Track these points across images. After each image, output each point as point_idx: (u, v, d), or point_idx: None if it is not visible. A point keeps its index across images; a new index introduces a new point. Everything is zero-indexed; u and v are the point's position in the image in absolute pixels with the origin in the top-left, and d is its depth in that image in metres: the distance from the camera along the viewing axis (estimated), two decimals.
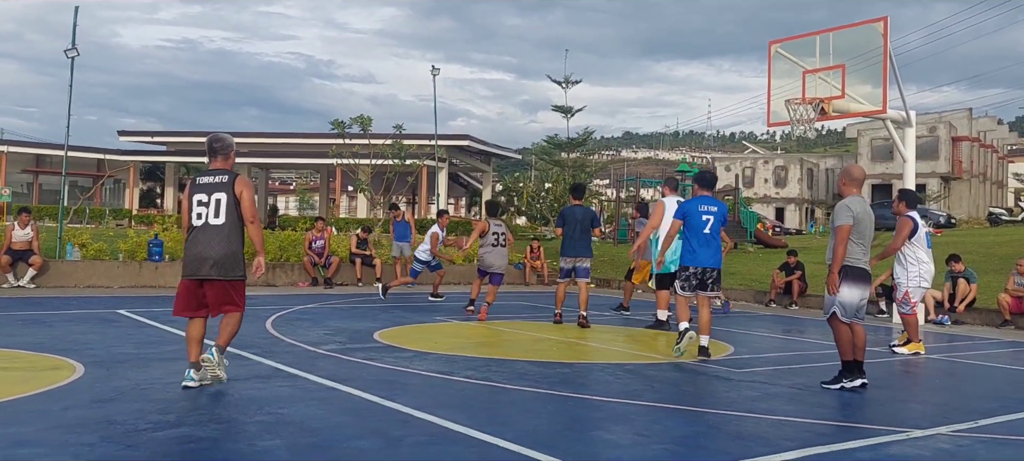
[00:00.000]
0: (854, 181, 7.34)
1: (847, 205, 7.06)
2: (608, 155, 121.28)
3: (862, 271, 7.07)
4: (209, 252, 6.09)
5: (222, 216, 6.12)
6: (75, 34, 16.11)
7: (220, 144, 6.37)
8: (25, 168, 48.59)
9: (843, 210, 7.04)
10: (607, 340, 10.20)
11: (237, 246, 6.19)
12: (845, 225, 6.98)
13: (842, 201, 7.19)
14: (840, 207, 7.10)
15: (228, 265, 6.13)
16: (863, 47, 13.54)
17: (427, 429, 5.10)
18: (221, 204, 6.13)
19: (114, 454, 4.33)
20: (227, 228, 6.13)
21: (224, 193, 6.14)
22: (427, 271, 15.53)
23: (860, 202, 7.14)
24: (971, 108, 62.73)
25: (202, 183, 6.23)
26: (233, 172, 6.30)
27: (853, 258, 7.03)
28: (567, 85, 36.57)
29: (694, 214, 8.56)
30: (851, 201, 7.12)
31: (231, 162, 6.41)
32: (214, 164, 6.34)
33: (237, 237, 6.20)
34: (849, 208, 7.03)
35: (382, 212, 28.46)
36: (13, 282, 14.39)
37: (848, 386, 6.94)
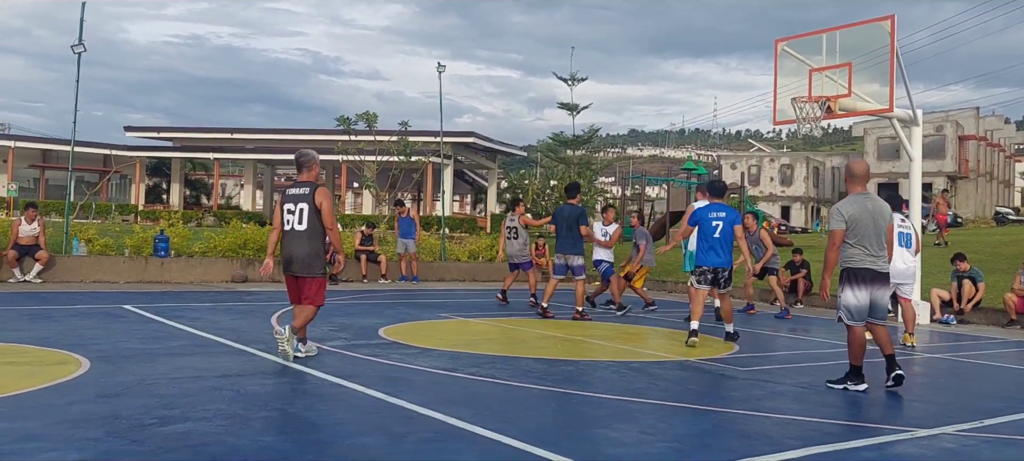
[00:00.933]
0: (856, 178, 7.07)
1: (839, 209, 6.90)
2: (614, 153, 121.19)
3: (864, 272, 6.82)
4: (294, 253, 7.27)
5: (304, 222, 7.24)
6: (82, 30, 16.14)
7: (305, 159, 7.50)
8: (32, 163, 48.73)
9: (834, 215, 6.91)
10: (611, 338, 10.20)
11: (317, 247, 7.29)
12: (836, 230, 6.84)
13: (836, 204, 7.04)
14: (832, 211, 6.99)
15: (308, 263, 7.27)
16: (870, 45, 13.50)
17: (431, 426, 5.10)
18: (304, 212, 7.24)
19: (119, 449, 4.34)
20: (308, 233, 7.24)
21: (306, 203, 7.26)
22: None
23: (856, 202, 6.91)
24: (978, 107, 62.61)
25: (290, 194, 7.40)
26: (314, 184, 7.40)
27: (852, 260, 6.84)
28: (573, 83, 36.56)
29: (706, 221, 9.53)
30: (845, 204, 6.93)
31: (314, 173, 7.50)
32: (300, 177, 7.49)
33: (317, 240, 7.28)
34: (840, 212, 6.86)
35: (387, 209, 28.48)
36: (20, 277, 14.44)
37: (851, 389, 6.85)
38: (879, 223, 6.88)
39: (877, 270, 6.87)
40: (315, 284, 7.34)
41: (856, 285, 6.84)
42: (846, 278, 6.87)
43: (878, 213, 6.90)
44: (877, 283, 6.88)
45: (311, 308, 7.41)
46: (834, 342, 10.41)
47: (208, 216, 39.95)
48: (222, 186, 57.39)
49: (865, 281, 6.84)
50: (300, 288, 7.38)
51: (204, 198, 54.11)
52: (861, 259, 6.82)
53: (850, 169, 7.14)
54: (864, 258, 6.82)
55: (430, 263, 19.98)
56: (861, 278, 6.83)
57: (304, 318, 7.40)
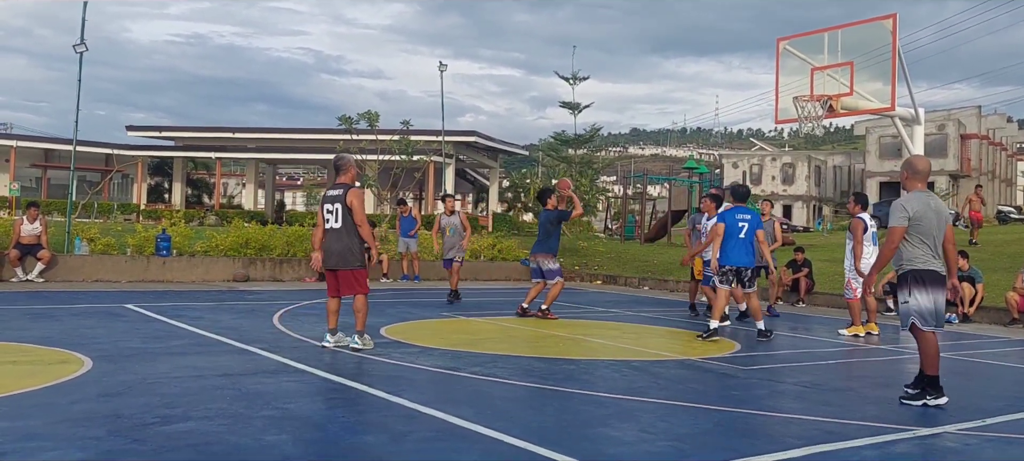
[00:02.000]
0: (918, 174, 6.55)
1: (903, 204, 6.34)
2: (615, 151, 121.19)
3: (932, 274, 6.30)
4: (331, 248, 7.98)
5: (339, 221, 7.94)
6: (84, 29, 16.16)
7: (342, 163, 8.20)
8: (34, 163, 48.75)
9: (897, 210, 6.33)
10: (613, 336, 10.20)
11: (352, 243, 7.94)
12: (897, 227, 6.30)
13: (898, 199, 6.52)
14: (895, 206, 6.40)
15: (344, 257, 7.94)
16: (872, 44, 13.50)
17: (433, 425, 5.10)
18: (339, 212, 7.95)
19: (121, 447, 4.35)
20: (343, 230, 7.93)
21: (340, 203, 7.95)
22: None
23: (920, 199, 6.39)
24: (980, 105, 62.49)
25: (328, 195, 8.09)
26: (348, 185, 8.06)
27: (917, 261, 6.31)
28: (575, 82, 36.57)
29: (732, 223, 10.09)
30: (909, 200, 6.37)
31: (351, 176, 8.21)
32: (338, 180, 8.14)
33: (352, 236, 7.94)
34: (904, 208, 6.31)
35: (389, 208, 28.50)
36: (22, 276, 14.45)
37: (932, 404, 6.23)
38: (941, 223, 6.40)
39: (940, 273, 6.37)
40: (353, 275, 7.96)
41: (926, 287, 6.28)
42: (914, 280, 6.31)
43: (940, 212, 6.43)
44: (942, 285, 6.39)
45: (359, 298, 8.01)
46: (836, 340, 10.41)
47: (210, 215, 39.97)
48: (224, 185, 57.42)
49: (935, 283, 6.31)
50: (339, 281, 8.02)
51: (206, 197, 54.11)
52: (927, 260, 6.33)
53: (912, 165, 6.63)
54: (930, 259, 6.33)
55: (431, 262, 19.98)
56: (931, 280, 6.30)
57: (361, 314, 8.04)
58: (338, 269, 7.99)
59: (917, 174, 6.58)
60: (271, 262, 17.28)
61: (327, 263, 8.06)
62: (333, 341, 8.09)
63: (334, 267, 8.00)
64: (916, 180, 6.58)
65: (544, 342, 9.40)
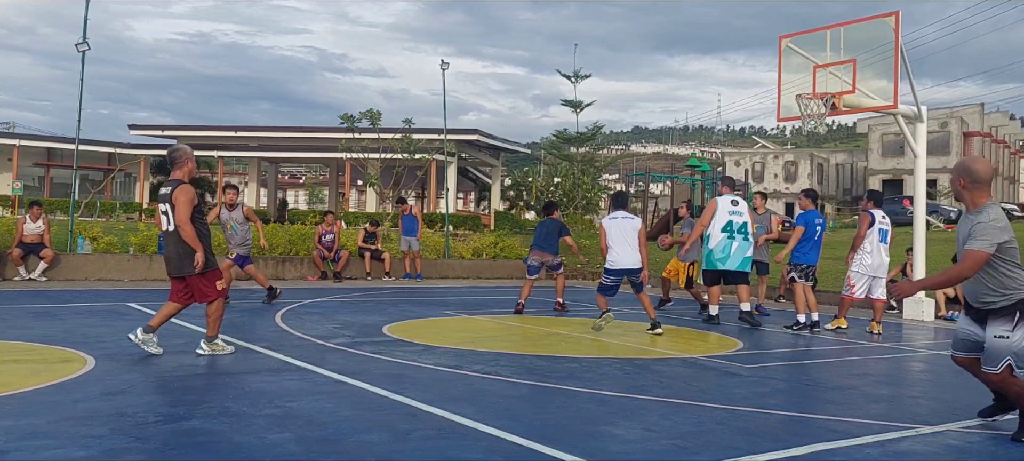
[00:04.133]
0: (981, 183, 5.18)
1: (998, 224, 5.04)
2: (617, 150, 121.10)
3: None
4: (171, 253, 7.20)
5: (171, 223, 7.14)
6: (86, 28, 16.16)
7: (176, 155, 7.38)
8: (37, 161, 48.81)
9: (993, 231, 5.02)
10: (615, 335, 10.20)
11: (187, 246, 7.10)
12: (987, 252, 5.00)
13: (989, 215, 5.06)
14: (990, 224, 5.02)
15: (185, 261, 7.13)
16: (875, 42, 13.47)
17: (436, 423, 5.10)
18: (169, 213, 7.15)
19: (125, 446, 4.35)
20: (177, 232, 7.11)
21: (168, 203, 7.14)
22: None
23: (1002, 215, 5.15)
24: (983, 103, 62.43)
25: (161, 194, 7.24)
26: (179, 181, 7.21)
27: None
28: (576, 80, 36.56)
29: (811, 225, 11.03)
30: (1000, 216, 5.10)
31: (186, 170, 7.32)
32: (172, 174, 7.33)
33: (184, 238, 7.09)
34: (1001, 228, 5.04)
35: (391, 206, 28.52)
36: (24, 275, 14.47)
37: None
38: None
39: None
40: (203, 280, 7.18)
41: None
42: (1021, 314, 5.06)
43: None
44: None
45: (213, 306, 7.30)
46: (835, 340, 10.40)
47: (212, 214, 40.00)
48: (226, 184, 57.48)
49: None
50: (191, 288, 7.24)
51: (208, 196, 54.17)
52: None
53: (973, 172, 5.18)
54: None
55: (434, 261, 19.99)
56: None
57: (214, 320, 7.34)
58: (182, 275, 7.18)
59: (981, 183, 5.16)
60: (273, 261, 17.29)
61: (169, 269, 7.28)
62: (142, 338, 7.19)
63: (177, 274, 7.20)
64: (981, 189, 5.18)
65: (546, 340, 9.40)
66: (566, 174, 38.06)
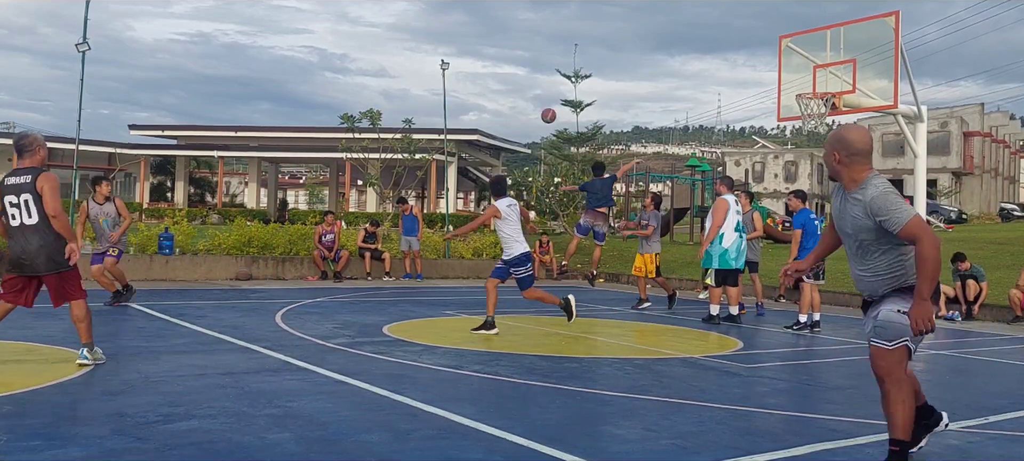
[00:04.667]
0: (860, 155, 4.40)
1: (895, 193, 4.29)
2: (618, 150, 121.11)
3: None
4: (29, 249, 6.39)
5: (34, 215, 6.38)
6: (86, 28, 16.16)
7: (25, 142, 6.58)
8: None
9: (898, 199, 4.26)
10: (615, 334, 10.20)
11: (60, 240, 6.43)
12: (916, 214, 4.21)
13: (886, 188, 4.29)
14: (891, 195, 4.25)
15: (53, 258, 6.43)
16: (875, 42, 13.49)
17: (436, 423, 5.10)
18: (29, 203, 6.39)
19: (124, 446, 4.35)
20: (41, 225, 6.39)
21: (29, 193, 6.39)
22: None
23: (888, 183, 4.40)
24: (983, 103, 62.45)
25: (9, 185, 6.44)
26: (37, 169, 6.49)
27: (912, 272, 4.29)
28: (576, 80, 36.55)
29: (810, 223, 11.09)
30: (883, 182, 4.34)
31: (39, 158, 6.59)
32: (22, 163, 6.53)
33: (51, 231, 6.42)
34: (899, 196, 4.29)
35: (391, 206, 28.53)
36: None
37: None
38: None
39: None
40: (63, 279, 6.52)
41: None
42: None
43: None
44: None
45: (78, 305, 6.61)
46: (838, 338, 10.40)
47: (212, 214, 40.01)
48: (226, 184, 57.47)
49: None
50: (50, 289, 6.57)
51: (208, 196, 54.15)
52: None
53: (849, 143, 4.39)
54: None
55: (434, 260, 19.99)
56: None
57: (84, 326, 6.62)
58: (44, 274, 6.45)
59: (859, 155, 4.40)
60: (273, 261, 17.29)
61: (23, 268, 6.45)
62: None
63: (38, 272, 6.44)
64: (859, 163, 4.40)
65: (546, 340, 9.40)
66: (566, 174, 38.03)
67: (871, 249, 4.37)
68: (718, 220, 11.32)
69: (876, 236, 4.31)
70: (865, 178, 4.35)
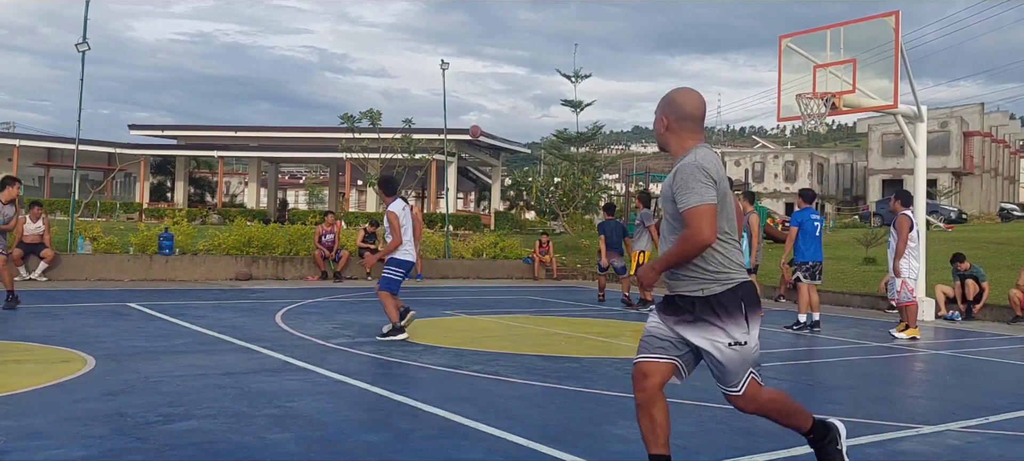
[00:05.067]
0: (688, 119, 3.76)
1: (701, 164, 3.58)
2: (618, 150, 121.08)
3: (754, 290, 3.80)
4: None
5: None
6: (86, 28, 16.17)
7: None
8: (37, 161, 48.81)
9: (697, 174, 3.55)
10: (615, 334, 10.20)
11: None
12: (709, 204, 3.53)
13: (689, 159, 3.61)
14: (689, 167, 3.57)
15: None
16: (875, 41, 13.47)
17: (436, 423, 5.10)
18: None
19: (124, 446, 4.35)
20: None
21: None
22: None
23: (714, 159, 3.67)
24: (983, 103, 62.45)
25: None
26: None
27: (738, 269, 3.75)
28: (576, 80, 36.56)
29: (808, 222, 11.16)
30: (705, 156, 3.63)
31: None
32: None
33: None
34: (705, 169, 3.57)
35: None
36: (25, 275, 14.47)
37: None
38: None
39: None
40: None
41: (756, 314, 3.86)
42: (748, 302, 3.76)
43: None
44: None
45: None
46: (839, 338, 10.40)
47: (212, 214, 40.01)
48: (226, 184, 57.49)
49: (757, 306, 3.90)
50: None
51: (208, 196, 54.16)
52: (742, 264, 3.86)
53: (678, 105, 3.76)
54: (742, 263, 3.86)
55: (434, 260, 19.99)
56: (755, 301, 3.84)
57: None
58: None
59: (688, 119, 3.74)
60: (273, 261, 17.29)
61: None
62: None
63: None
64: (689, 129, 3.74)
65: (547, 340, 9.40)
66: (566, 174, 38.04)
67: (674, 229, 3.68)
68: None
69: (673, 211, 3.65)
70: (691, 147, 3.69)
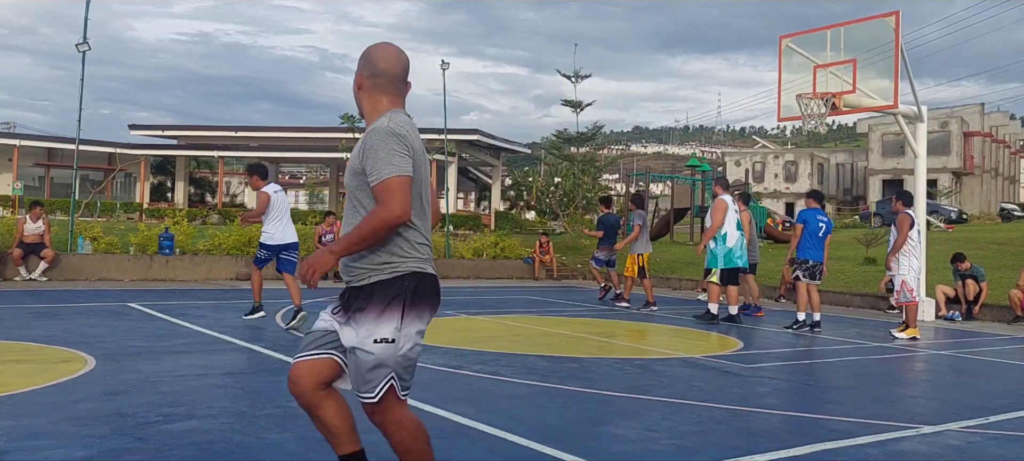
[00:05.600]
0: (382, 76, 3.28)
1: (393, 130, 3.09)
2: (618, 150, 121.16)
3: (430, 284, 3.51)
4: None
5: None
6: (86, 28, 16.17)
7: None
8: (37, 162, 48.79)
9: (388, 141, 3.07)
10: (615, 335, 10.20)
11: None
12: (404, 176, 3.04)
13: (381, 123, 3.13)
14: (380, 132, 3.09)
15: None
16: (875, 41, 13.48)
17: (436, 423, 5.10)
18: None
19: (125, 446, 4.35)
20: None
21: None
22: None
23: (408, 122, 3.22)
24: (983, 103, 62.46)
25: None
26: None
27: (413, 258, 3.39)
28: (576, 80, 36.54)
29: (813, 221, 11.15)
30: (400, 121, 3.17)
31: None
32: None
33: None
34: (397, 136, 3.09)
35: None
36: (25, 275, 14.47)
37: None
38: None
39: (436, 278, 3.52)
40: None
41: (424, 312, 3.53)
42: (414, 299, 3.43)
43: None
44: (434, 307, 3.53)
45: None
46: (840, 338, 10.40)
47: (213, 214, 40.02)
48: (227, 184, 57.48)
49: (430, 301, 3.53)
50: None
51: (208, 196, 54.16)
52: (425, 255, 3.48)
53: (376, 61, 3.28)
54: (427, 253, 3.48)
55: (434, 260, 19.98)
56: (427, 293, 3.52)
57: None
58: None
59: (383, 77, 3.27)
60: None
61: None
62: None
63: None
64: (384, 89, 3.27)
65: (547, 340, 9.40)
66: (566, 174, 38.02)
67: (357, 206, 3.19)
68: (718, 220, 11.41)
69: (360, 185, 3.14)
70: (386, 111, 3.20)
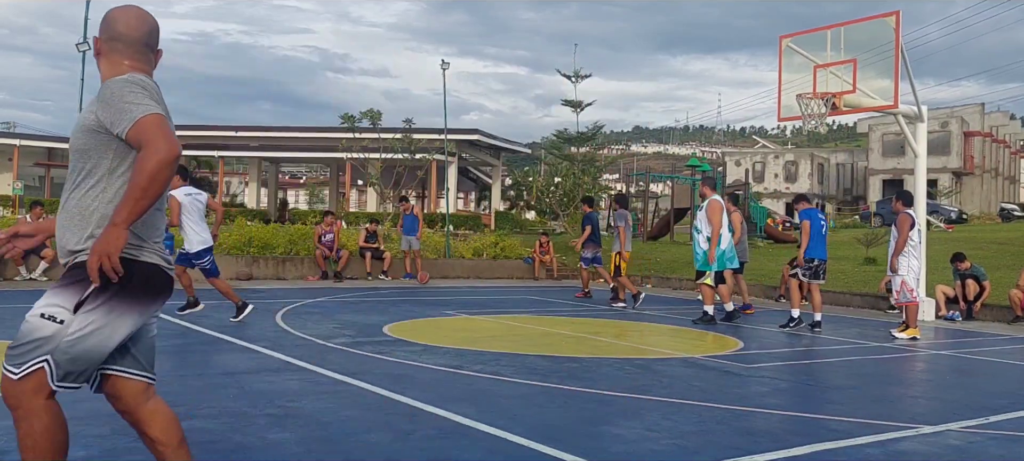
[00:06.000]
0: (120, 39, 3.02)
1: (137, 83, 2.86)
2: (618, 149, 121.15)
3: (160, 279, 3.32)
4: None
5: None
6: (87, 28, 16.18)
7: None
8: (37, 161, 48.80)
9: (131, 91, 2.83)
10: (615, 334, 10.20)
11: None
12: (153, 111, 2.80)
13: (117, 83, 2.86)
14: (123, 83, 2.87)
15: None
16: (875, 41, 13.47)
17: (436, 423, 5.10)
18: None
19: (125, 446, 4.35)
20: None
21: None
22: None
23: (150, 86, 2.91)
24: (983, 103, 62.49)
25: None
26: None
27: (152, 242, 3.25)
28: (576, 79, 36.56)
29: (815, 220, 11.24)
30: (140, 81, 2.88)
31: None
32: None
33: None
34: (142, 87, 2.85)
35: (392, 206, 28.53)
36: (25, 275, 14.47)
37: None
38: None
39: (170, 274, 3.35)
40: None
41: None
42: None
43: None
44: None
45: None
46: (840, 338, 10.40)
47: (212, 214, 40.06)
48: (227, 184, 57.48)
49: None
50: None
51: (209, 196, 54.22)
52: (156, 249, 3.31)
53: (114, 24, 3.04)
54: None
55: (434, 260, 19.99)
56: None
57: None
58: None
59: (121, 40, 3.01)
60: (274, 261, 17.29)
61: None
62: None
63: None
64: (123, 53, 3.01)
65: (547, 340, 9.40)
66: (566, 174, 38.06)
67: (86, 173, 3.01)
68: (717, 222, 11.37)
69: (96, 144, 2.94)
70: (124, 74, 2.88)
